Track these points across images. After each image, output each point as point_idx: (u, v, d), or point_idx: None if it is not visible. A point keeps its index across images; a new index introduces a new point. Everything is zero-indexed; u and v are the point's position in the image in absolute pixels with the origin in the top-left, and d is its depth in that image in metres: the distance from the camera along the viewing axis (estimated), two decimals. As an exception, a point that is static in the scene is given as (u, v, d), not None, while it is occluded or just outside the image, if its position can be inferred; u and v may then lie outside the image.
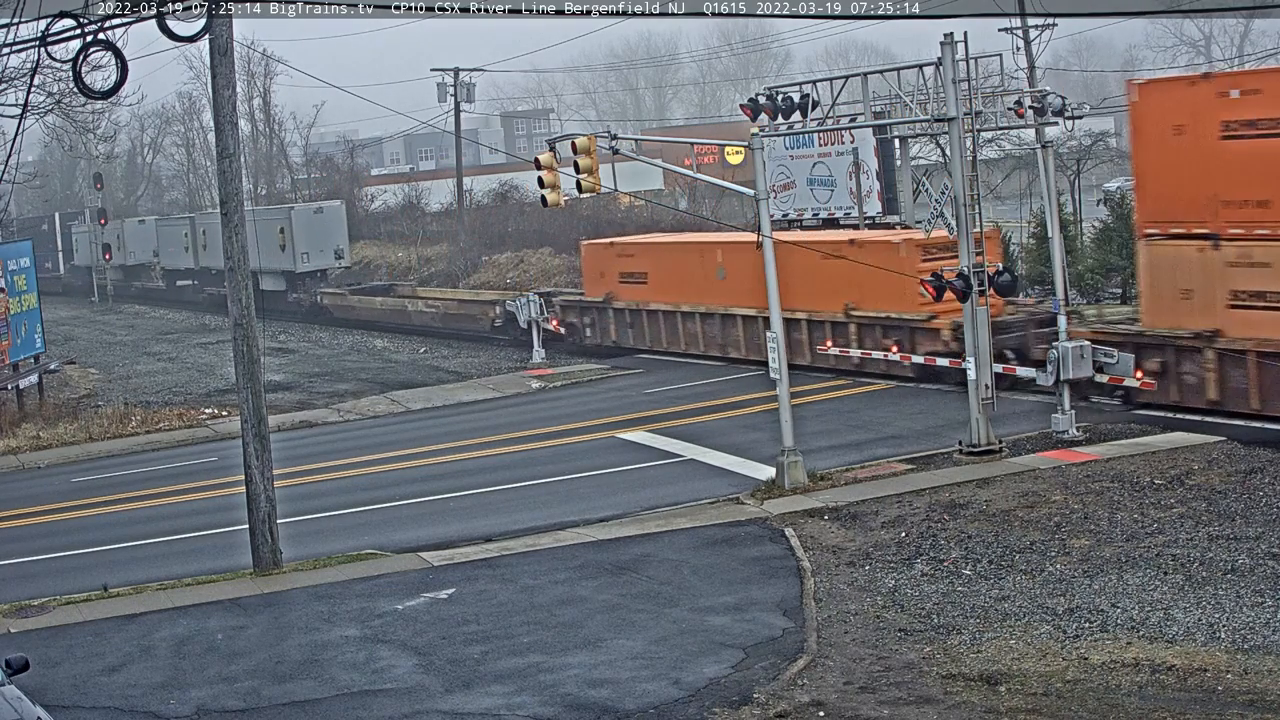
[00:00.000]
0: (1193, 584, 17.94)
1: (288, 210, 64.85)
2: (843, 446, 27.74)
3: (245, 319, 21.93)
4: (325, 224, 62.97)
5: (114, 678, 17.49)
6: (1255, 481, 22.30)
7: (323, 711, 15.89)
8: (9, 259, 40.01)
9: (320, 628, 18.83)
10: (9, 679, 14.32)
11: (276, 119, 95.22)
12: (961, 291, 25.34)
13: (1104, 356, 27.21)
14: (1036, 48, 52.50)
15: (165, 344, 58.61)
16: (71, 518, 27.95)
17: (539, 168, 27.01)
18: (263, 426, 22.01)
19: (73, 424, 37.65)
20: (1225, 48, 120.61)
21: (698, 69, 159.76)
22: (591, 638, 17.59)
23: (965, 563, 19.56)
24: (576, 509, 24.70)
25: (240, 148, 22.75)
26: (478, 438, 32.25)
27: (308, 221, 62.73)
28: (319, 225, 62.76)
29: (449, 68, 72.98)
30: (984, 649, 16.32)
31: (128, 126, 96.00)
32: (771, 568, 20.11)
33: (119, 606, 20.48)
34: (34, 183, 73.97)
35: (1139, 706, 14.36)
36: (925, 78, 28.73)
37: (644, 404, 34.46)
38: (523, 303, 43.57)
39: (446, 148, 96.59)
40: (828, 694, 15.23)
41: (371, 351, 51.02)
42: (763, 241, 25.07)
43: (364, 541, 23.66)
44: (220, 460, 31.36)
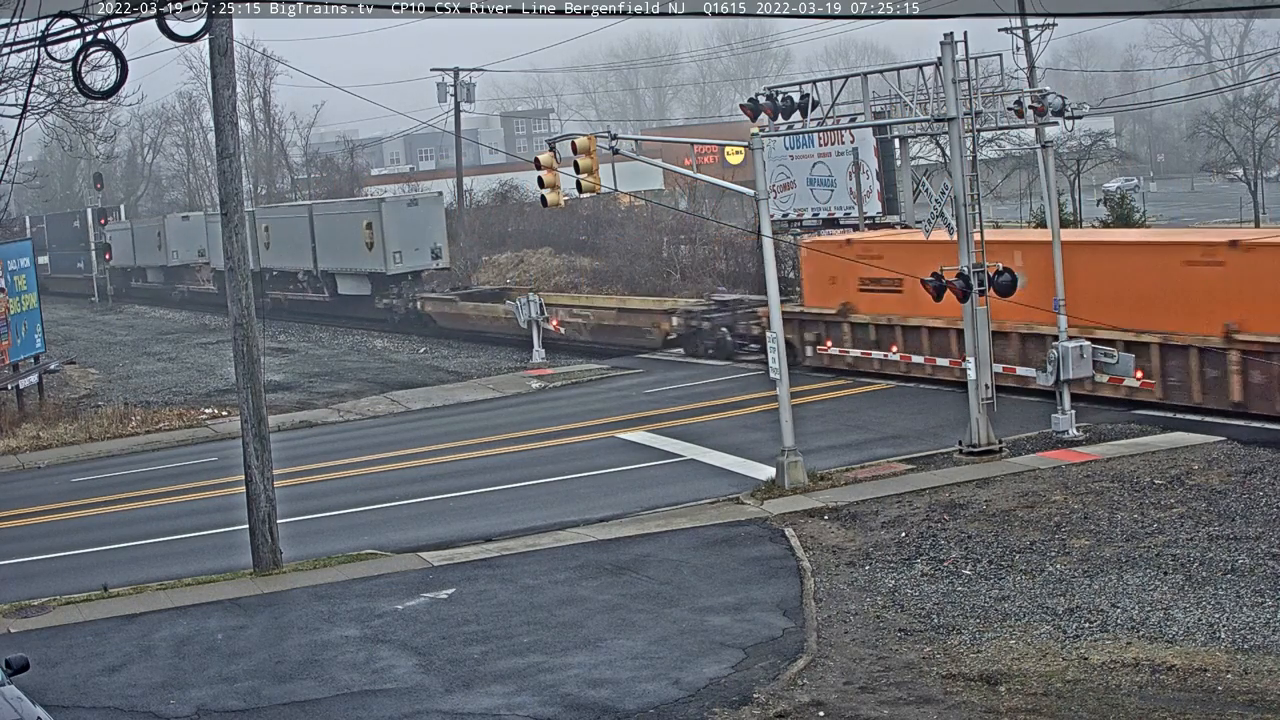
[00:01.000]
0: (1193, 584, 17.94)
1: (377, 204, 58.69)
2: (843, 446, 27.75)
3: (245, 319, 21.93)
4: (421, 219, 56.79)
5: (114, 678, 17.49)
6: (1255, 481, 22.30)
7: (323, 711, 15.89)
8: (9, 259, 40.01)
9: (320, 628, 18.83)
10: (9, 679, 14.31)
11: (276, 119, 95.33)
12: (961, 291, 25.35)
13: (1104, 357, 27.22)
14: (1036, 48, 52.63)
15: (165, 344, 58.63)
16: (71, 518, 27.94)
17: (539, 168, 27.01)
18: (263, 426, 22.02)
19: (73, 424, 37.66)
20: (1225, 48, 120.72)
21: (698, 69, 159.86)
22: (591, 638, 17.59)
23: (965, 563, 19.56)
24: (576, 509, 24.70)
25: (240, 148, 22.76)
26: (478, 438, 32.25)
27: (401, 216, 56.63)
28: (414, 220, 56.61)
29: (449, 68, 73.03)
30: (984, 649, 16.32)
31: (128, 126, 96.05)
32: (771, 568, 20.11)
33: (119, 606, 20.48)
34: (34, 183, 73.94)
35: (1139, 706, 14.36)
36: (925, 78, 28.73)
37: (644, 404, 34.46)
38: (522, 303, 43.21)
39: (446, 148, 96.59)
40: (828, 694, 15.23)
41: (371, 351, 51.04)
42: (763, 241, 25.07)
43: (364, 541, 23.66)
44: (220, 460, 31.36)
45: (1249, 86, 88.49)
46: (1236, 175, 77.19)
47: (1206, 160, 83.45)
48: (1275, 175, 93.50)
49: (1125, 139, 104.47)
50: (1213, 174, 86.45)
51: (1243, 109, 79.05)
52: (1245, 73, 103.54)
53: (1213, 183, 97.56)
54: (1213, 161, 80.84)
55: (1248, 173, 74.73)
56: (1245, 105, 79.83)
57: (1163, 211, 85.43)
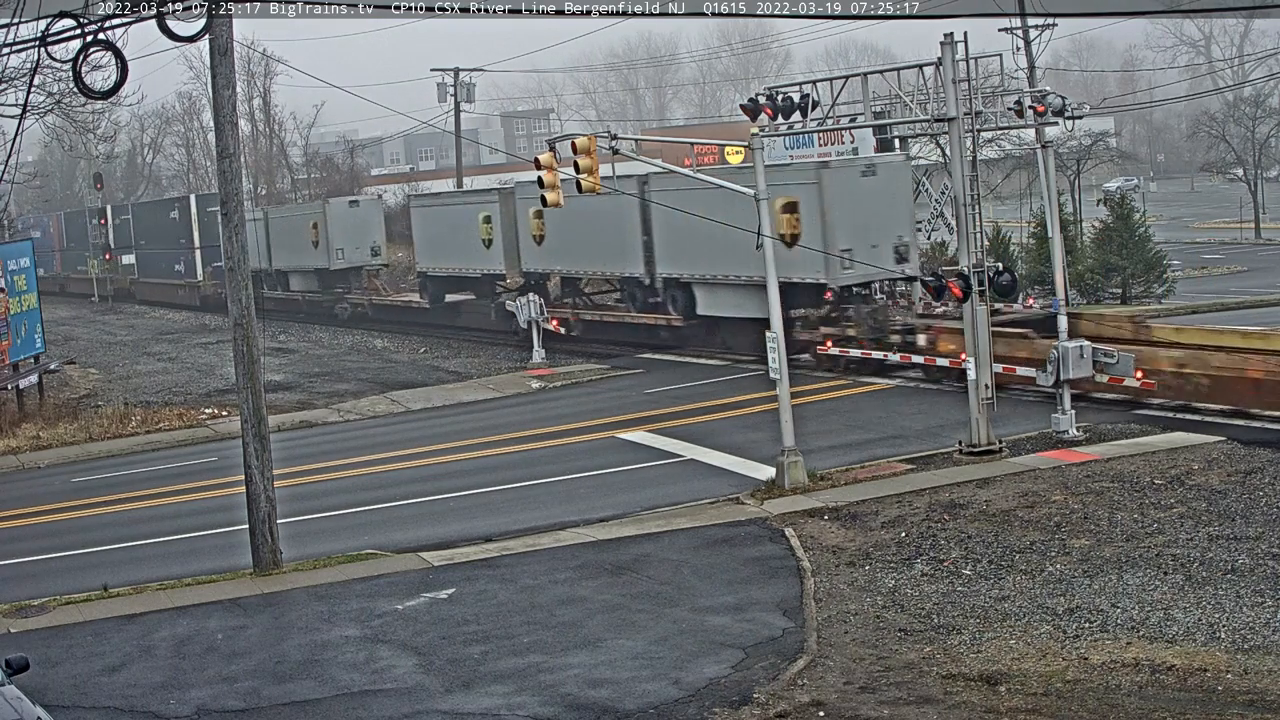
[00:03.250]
0: (1193, 584, 17.94)
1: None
2: (843, 446, 27.74)
3: (245, 319, 21.93)
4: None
5: (114, 678, 17.49)
6: (1255, 481, 22.30)
7: (323, 711, 15.89)
8: (9, 259, 40.01)
9: (320, 628, 18.83)
10: (9, 679, 14.31)
11: (276, 119, 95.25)
12: (962, 291, 25.35)
13: (1104, 357, 27.25)
14: (1036, 48, 52.56)
15: (165, 344, 58.61)
16: (71, 518, 27.94)
17: (539, 168, 26.97)
18: (263, 426, 22.02)
19: (73, 424, 37.66)
20: (1225, 48, 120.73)
21: (698, 69, 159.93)
22: (591, 638, 17.59)
23: (965, 563, 19.56)
24: (576, 509, 24.70)
25: (240, 148, 22.76)
26: (478, 438, 32.24)
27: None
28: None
29: (449, 68, 73.03)
30: (984, 649, 16.32)
31: (128, 126, 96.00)
32: (771, 568, 20.11)
33: (119, 606, 20.48)
34: (34, 183, 73.91)
35: (1139, 706, 14.36)
36: (925, 78, 28.67)
37: (644, 404, 34.45)
38: (523, 303, 43.08)
39: (446, 148, 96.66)
40: (828, 694, 15.23)
41: (371, 351, 51.01)
42: (762, 241, 25.06)
43: (364, 541, 23.66)
44: (220, 460, 31.35)
45: (1249, 86, 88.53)
46: (1236, 175, 77.22)
47: (1206, 160, 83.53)
48: (1275, 175, 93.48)
49: (1125, 139, 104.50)
50: (1213, 174, 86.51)
51: (1243, 109, 79.11)
52: (1245, 73, 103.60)
53: (1213, 183, 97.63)
54: (1213, 161, 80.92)
55: (1248, 173, 74.75)
56: (1245, 105, 79.89)
57: (1163, 211, 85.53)
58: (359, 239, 59.51)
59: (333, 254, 59.01)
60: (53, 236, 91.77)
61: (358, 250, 59.40)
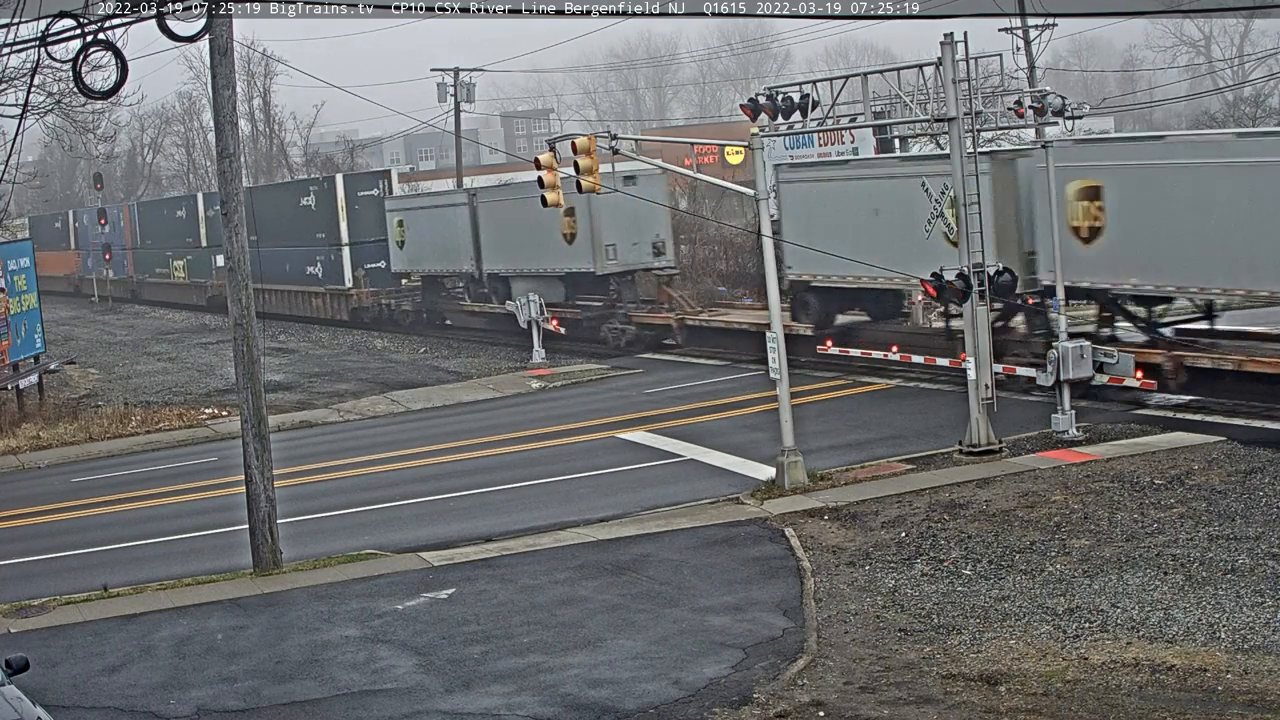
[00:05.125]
0: (1193, 584, 17.94)
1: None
2: (843, 446, 27.74)
3: (245, 319, 21.93)
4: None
5: (114, 678, 17.49)
6: (1255, 481, 22.30)
7: (323, 711, 15.89)
8: (9, 259, 40.02)
9: (320, 628, 18.83)
10: (9, 679, 14.31)
11: (276, 119, 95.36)
12: (961, 291, 25.34)
13: (1104, 357, 27.26)
14: (1036, 48, 52.53)
15: (165, 344, 58.60)
16: (71, 518, 27.94)
17: (539, 168, 27.00)
18: (263, 426, 22.02)
19: (73, 424, 37.65)
20: (1225, 48, 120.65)
21: (698, 69, 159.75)
22: (591, 638, 17.59)
23: (965, 563, 19.56)
24: (576, 509, 24.70)
25: (240, 148, 22.77)
26: (478, 438, 32.24)
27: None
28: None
29: (449, 68, 72.93)
30: (984, 649, 16.32)
31: (128, 126, 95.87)
32: (771, 568, 20.11)
33: (119, 606, 20.48)
34: (34, 183, 73.87)
35: (1139, 706, 14.36)
36: (925, 78, 28.66)
37: (644, 404, 34.46)
38: (523, 303, 43.15)
39: (446, 148, 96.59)
40: (828, 694, 15.23)
41: (372, 351, 50.98)
42: (762, 241, 25.07)
43: (364, 541, 23.66)
44: (220, 460, 31.36)
45: (1249, 86, 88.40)
46: (1236, 175, 77.00)
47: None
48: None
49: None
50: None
51: (1243, 109, 79.00)
52: (1245, 73, 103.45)
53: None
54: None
55: (1248, 173, 74.56)
56: (1245, 105, 79.78)
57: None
58: (636, 232, 43.65)
59: (599, 253, 43.52)
60: (123, 231, 79.05)
61: (635, 247, 43.98)
